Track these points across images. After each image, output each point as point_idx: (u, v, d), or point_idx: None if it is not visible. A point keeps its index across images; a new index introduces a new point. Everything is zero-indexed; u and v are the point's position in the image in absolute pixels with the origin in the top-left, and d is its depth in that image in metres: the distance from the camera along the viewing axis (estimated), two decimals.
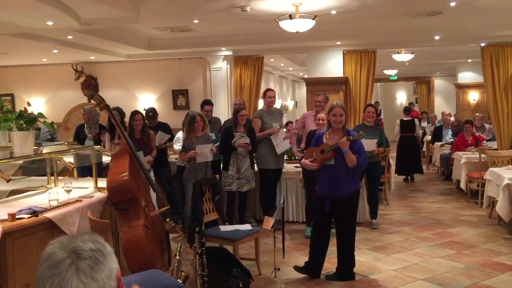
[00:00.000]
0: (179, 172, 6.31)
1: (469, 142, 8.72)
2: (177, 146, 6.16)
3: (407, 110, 10.75)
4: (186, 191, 5.86)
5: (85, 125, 6.81)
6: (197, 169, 5.75)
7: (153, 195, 5.50)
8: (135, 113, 6.02)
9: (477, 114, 10.82)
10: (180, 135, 6.18)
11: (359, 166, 4.41)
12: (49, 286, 1.09)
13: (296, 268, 4.76)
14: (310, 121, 6.33)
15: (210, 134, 6.06)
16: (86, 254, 1.12)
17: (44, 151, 4.64)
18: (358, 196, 4.69)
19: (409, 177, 10.42)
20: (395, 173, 9.69)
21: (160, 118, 7.14)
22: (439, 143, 10.61)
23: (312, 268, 4.68)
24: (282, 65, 13.17)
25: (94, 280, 1.10)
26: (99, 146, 5.66)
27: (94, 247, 1.14)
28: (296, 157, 6.77)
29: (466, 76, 14.55)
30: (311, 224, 6.06)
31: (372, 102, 9.07)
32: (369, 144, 6.07)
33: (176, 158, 6.65)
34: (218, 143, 6.20)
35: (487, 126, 9.98)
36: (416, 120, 10.72)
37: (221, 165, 6.16)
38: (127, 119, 6.70)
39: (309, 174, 5.84)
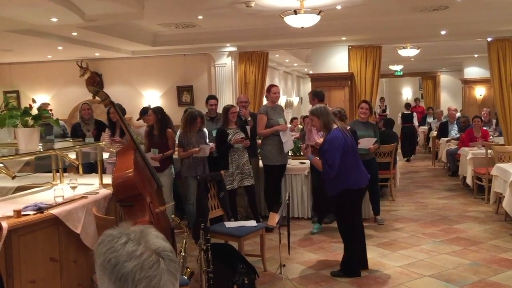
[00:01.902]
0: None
1: (477, 138, 8.62)
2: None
3: (407, 105, 14.47)
4: (188, 188, 5.86)
5: (81, 123, 6.76)
6: (197, 164, 5.77)
7: (168, 191, 5.53)
8: (149, 109, 6.05)
9: (484, 109, 10.76)
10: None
11: (324, 171, 4.43)
12: (144, 286, 1.08)
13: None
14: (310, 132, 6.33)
15: (204, 130, 6.05)
16: (172, 256, 1.12)
17: (49, 148, 4.65)
18: (347, 197, 4.49)
19: (408, 159, 13.06)
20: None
21: None
22: (445, 139, 10.57)
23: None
24: (287, 61, 13.13)
25: (177, 282, 1.13)
26: (104, 143, 5.66)
27: (170, 247, 1.15)
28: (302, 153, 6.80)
29: (473, 71, 14.45)
30: (320, 221, 6.09)
31: (378, 98, 9.08)
32: (367, 142, 6.09)
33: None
34: None
35: (494, 121, 9.92)
36: (414, 113, 13.77)
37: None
38: (133, 116, 6.73)
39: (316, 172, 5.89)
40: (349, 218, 4.60)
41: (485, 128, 9.14)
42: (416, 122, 13.57)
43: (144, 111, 6.97)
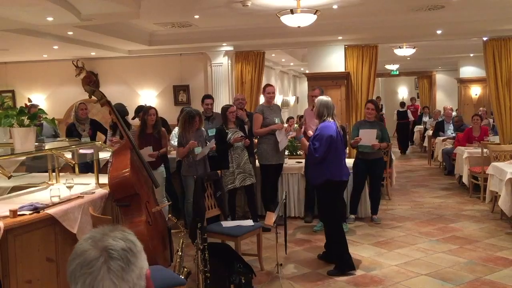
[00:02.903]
0: (179, 168, 6.30)
1: (476, 138, 8.61)
2: (174, 142, 6.18)
3: (402, 104, 15.80)
4: (187, 188, 5.84)
5: (76, 123, 6.74)
6: (197, 164, 5.75)
7: (161, 191, 5.52)
8: (149, 108, 6.01)
9: (481, 108, 10.80)
10: (177, 131, 6.19)
11: (310, 153, 4.64)
12: (81, 284, 1.08)
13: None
14: (309, 117, 6.32)
15: (202, 129, 6.04)
16: (118, 254, 1.10)
17: (45, 148, 4.63)
18: (330, 189, 4.64)
19: (404, 152, 14.58)
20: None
21: (161, 114, 7.12)
22: (441, 138, 10.61)
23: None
24: (283, 60, 13.12)
25: (124, 281, 1.10)
26: (100, 142, 5.65)
27: (126, 246, 1.13)
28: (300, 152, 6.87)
29: (468, 71, 14.50)
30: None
31: (374, 97, 9.09)
32: (369, 136, 6.01)
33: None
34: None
35: (491, 120, 9.95)
36: (408, 110, 15.38)
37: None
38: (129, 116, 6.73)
39: None
40: (332, 210, 4.73)
41: (485, 126, 9.15)
42: (411, 117, 15.34)
43: (140, 109, 6.94)
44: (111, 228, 1.17)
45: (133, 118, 7.04)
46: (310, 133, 5.06)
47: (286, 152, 7.00)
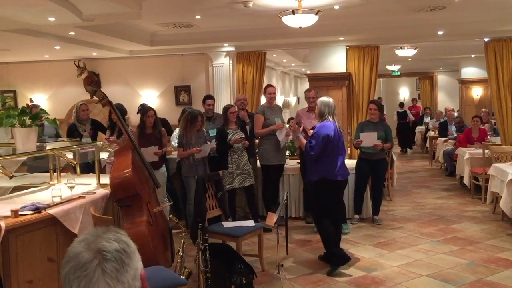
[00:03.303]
0: (180, 169, 6.30)
1: (475, 139, 8.61)
2: (175, 143, 6.17)
3: (401, 104, 16.23)
4: (189, 188, 5.83)
5: (77, 123, 6.74)
6: (198, 164, 5.75)
7: (162, 191, 5.53)
8: (148, 109, 6.00)
9: (483, 109, 10.79)
10: (178, 132, 6.19)
11: (306, 151, 4.74)
12: (76, 287, 1.08)
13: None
14: (304, 118, 6.31)
15: (204, 130, 6.04)
16: (112, 256, 1.10)
17: (47, 148, 4.64)
18: (324, 187, 4.70)
19: (404, 150, 15.15)
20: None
21: (162, 114, 7.13)
22: (442, 139, 10.61)
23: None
24: (284, 61, 13.13)
25: (120, 283, 1.10)
26: (101, 142, 5.66)
27: (119, 247, 1.12)
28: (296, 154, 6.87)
29: (470, 72, 14.49)
30: None
31: (375, 98, 9.09)
32: (369, 139, 6.02)
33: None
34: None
35: (493, 122, 9.95)
36: (407, 111, 15.63)
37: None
38: (130, 116, 6.70)
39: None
40: (320, 207, 4.78)
41: (484, 127, 9.15)
42: (411, 117, 15.61)
43: (144, 106, 6.93)
44: (104, 229, 1.17)
45: (138, 113, 7.03)
46: (311, 131, 5.07)
47: (287, 153, 7.00)
